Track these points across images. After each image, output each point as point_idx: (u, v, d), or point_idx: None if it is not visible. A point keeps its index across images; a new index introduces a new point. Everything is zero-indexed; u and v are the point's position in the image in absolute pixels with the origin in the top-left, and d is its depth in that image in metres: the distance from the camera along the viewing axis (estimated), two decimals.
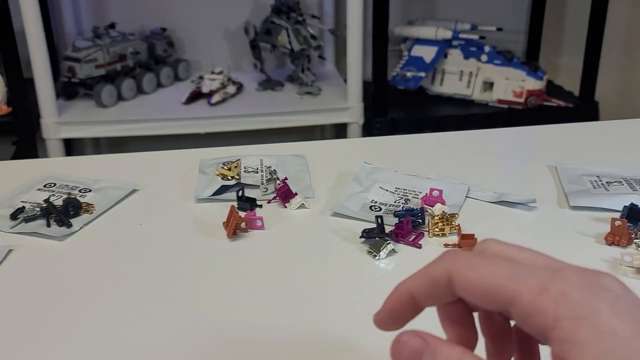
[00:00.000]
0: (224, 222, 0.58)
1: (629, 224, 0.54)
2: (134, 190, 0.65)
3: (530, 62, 1.69)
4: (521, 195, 0.62)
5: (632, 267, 0.50)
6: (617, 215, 0.57)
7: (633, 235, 0.54)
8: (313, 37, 1.59)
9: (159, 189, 0.66)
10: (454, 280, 0.29)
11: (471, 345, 0.31)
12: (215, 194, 0.63)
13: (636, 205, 0.56)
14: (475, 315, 0.31)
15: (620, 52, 1.93)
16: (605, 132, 0.81)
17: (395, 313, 0.31)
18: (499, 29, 1.64)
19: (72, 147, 1.71)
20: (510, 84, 1.59)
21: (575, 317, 0.26)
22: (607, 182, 0.63)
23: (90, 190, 0.64)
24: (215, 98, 1.54)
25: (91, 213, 0.60)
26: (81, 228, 0.58)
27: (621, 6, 1.83)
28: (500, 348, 0.31)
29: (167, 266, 0.53)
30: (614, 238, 0.54)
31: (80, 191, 0.64)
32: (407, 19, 1.73)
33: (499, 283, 0.27)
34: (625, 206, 0.56)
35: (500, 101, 1.61)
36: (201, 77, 1.58)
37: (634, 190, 0.61)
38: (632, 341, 0.25)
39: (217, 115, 1.51)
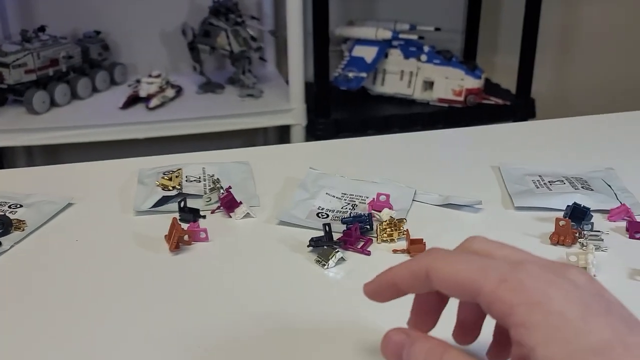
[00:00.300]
0: (165, 235, 0.56)
1: (572, 223, 0.55)
2: (69, 204, 0.62)
3: (468, 61, 1.72)
4: (467, 198, 0.62)
5: (577, 266, 0.51)
6: (561, 214, 0.57)
7: (577, 235, 0.55)
8: (253, 38, 1.57)
9: (95, 202, 0.63)
10: (431, 275, 0.32)
11: (425, 329, 0.36)
12: (155, 205, 0.61)
13: (579, 205, 0.56)
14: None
15: (555, 50, 1.99)
16: (544, 130, 0.83)
17: (382, 291, 0.36)
18: (437, 29, 1.67)
19: (2, 156, 1.63)
20: (450, 83, 1.62)
21: (529, 303, 0.29)
22: (549, 182, 0.64)
23: (21, 206, 0.60)
24: (154, 102, 1.50)
25: (23, 230, 0.57)
26: (12, 247, 0.55)
27: (554, 5, 1.88)
28: (466, 332, 0.37)
29: (106, 284, 0.50)
30: (559, 238, 0.54)
31: (10, 207, 0.60)
32: (346, 20, 1.73)
33: (467, 276, 0.31)
34: (568, 205, 0.57)
35: (440, 100, 1.63)
36: (138, 81, 1.54)
37: (575, 189, 0.62)
38: (579, 322, 0.28)
39: (156, 120, 1.47)
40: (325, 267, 0.52)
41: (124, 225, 0.59)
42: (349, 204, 0.62)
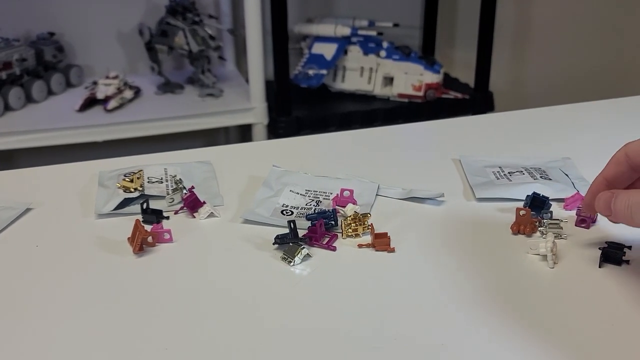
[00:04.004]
0: (129, 238, 0.55)
1: (532, 212, 0.56)
2: (27, 210, 0.60)
3: (427, 56, 1.73)
4: (429, 191, 0.62)
5: (538, 254, 0.52)
6: (521, 204, 0.58)
7: (537, 224, 0.56)
8: (211, 37, 1.56)
9: (55, 207, 0.61)
10: (629, 153, 0.47)
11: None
12: (117, 208, 0.60)
13: (538, 194, 0.58)
14: None
15: (510, 44, 2.02)
16: (503, 123, 0.84)
17: (595, 195, 0.49)
18: (396, 25, 1.68)
19: None
20: (410, 78, 1.63)
21: None
22: (509, 173, 0.65)
23: None
24: (112, 104, 1.48)
25: None
26: None
27: (509, 0, 1.92)
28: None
29: (69, 289, 0.49)
30: (519, 227, 0.56)
31: None
32: (305, 17, 1.73)
33: None
34: (527, 195, 0.58)
35: (400, 95, 1.65)
36: (95, 83, 1.51)
37: (534, 179, 0.63)
38: None
39: (114, 122, 1.45)
40: (292, 264, 0.52)
41: (85, 229, 0.58)
42: (313, 200, 0.62)
